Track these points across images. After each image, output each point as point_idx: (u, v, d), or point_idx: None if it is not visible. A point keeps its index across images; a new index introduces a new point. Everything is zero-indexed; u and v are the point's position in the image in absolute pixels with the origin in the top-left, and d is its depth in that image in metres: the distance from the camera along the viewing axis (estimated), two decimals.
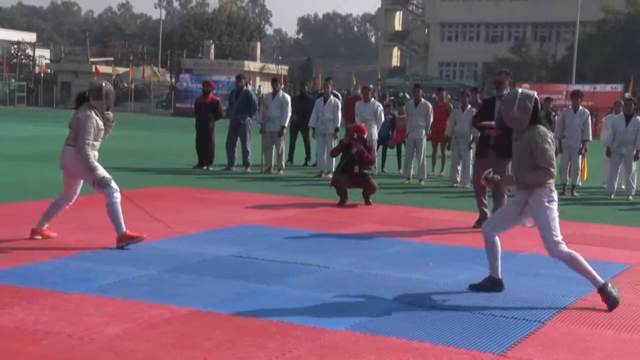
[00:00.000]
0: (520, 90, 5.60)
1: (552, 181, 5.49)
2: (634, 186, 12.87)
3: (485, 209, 8.90)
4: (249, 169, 14.41)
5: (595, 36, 51.44)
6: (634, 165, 12.86)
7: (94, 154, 6.89)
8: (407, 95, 34.38)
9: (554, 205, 5.46)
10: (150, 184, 11.77)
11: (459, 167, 13.47)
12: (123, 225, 6.81)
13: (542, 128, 5.48)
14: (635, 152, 12.66)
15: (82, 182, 7.09)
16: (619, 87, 39.62)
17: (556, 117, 14.30)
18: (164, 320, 4.71)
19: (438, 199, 11.59)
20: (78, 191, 7.11)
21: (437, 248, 7.52)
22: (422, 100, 13.98)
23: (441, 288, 5.83)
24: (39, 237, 6.97)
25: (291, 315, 4.89)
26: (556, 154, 13.41)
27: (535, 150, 5.39)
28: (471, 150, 13.49)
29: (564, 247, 5.42)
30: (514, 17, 63.14)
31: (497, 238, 5.72)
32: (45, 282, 5.50)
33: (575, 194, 12.83)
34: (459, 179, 13.42)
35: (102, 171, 6.80)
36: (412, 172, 13.70)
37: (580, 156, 13.08)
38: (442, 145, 15.22)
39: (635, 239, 8.53)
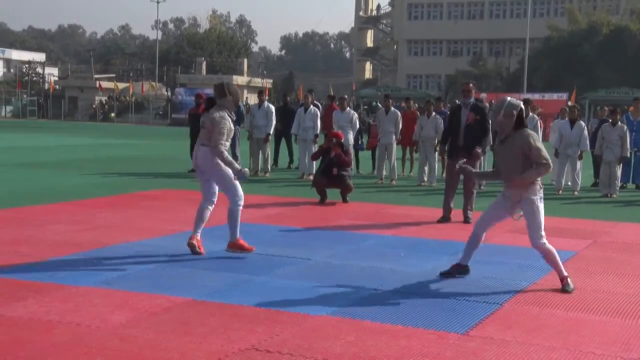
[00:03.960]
0: (508, 99, 5.58)
1: (540, 180, 5.52)
2: (579, 182, 12.99)
3: (451, 207, 8.91)
4: None
5: (543, 51, 51.88)
6: (579, 164, 12.98)
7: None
8: (379, 105, 34.40)
9: (542, 203, 5.51)
10: (151, 186, 11.69)
11: (426, 168, 13.51)
12: (238, 232, 6.31)
13: (529, 131, 5.51)
14: (579, 152, 12.80)
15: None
16: (564, 96, 39.92)
17: None
18: (163, 309, 4.67)
19: (407, 197, 11.61)
20: (217, 190, 6.42)
21: (407, 240, 7.52)
22: (392, 108, 14.01)
23: (411, 276, 5.83)
24: (194, 242, 6.29)
25: (277, 303, 4.87)
26: None
27: (530, 150, 5.38)
28: (436, 153, 13.55)
29: (546, 242, 5.48)
30: (472, 34, 63.54)
31: (483, 235, 5.76)
32: (55, 277, 5.44)
33: None
34: (425, 179, 13.45)
35: (238, 165, 6.34)
36: (384, 173, 13.72)
37: None
38: (411, 148, 15.24)
39: (580, 229, 8.60)
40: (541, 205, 5.49)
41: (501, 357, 3.94)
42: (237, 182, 6.31)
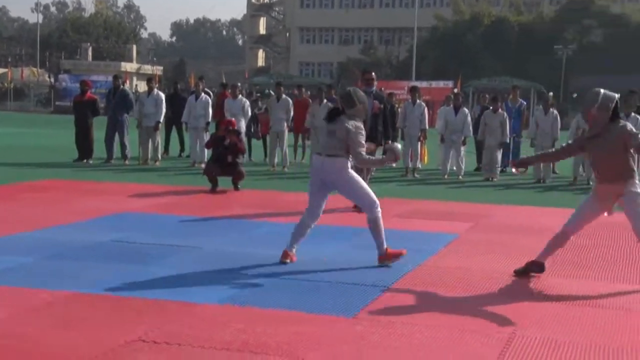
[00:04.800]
0: (602, 91, 5.23)
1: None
2: (463, 167, 13.56)
3: None
4: (126, 161, 13.98)
5: (430, 40, 53.54)
6: (462, 149, 13.55)
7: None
8: (271, 92, 34.37)
9: None
10: (31, 177, 11.15)
11: None
12: (384, 242, 5.81)
13: (623, 121, 5.29)
14: (463, 138, 13.36)
15: (327, 198, 6.00)
16: (450, 83, 41.43)
17: (399, 109, 14.80)
18: (45, 304, 4.50)
19: (299, 184, 11.69)
20: (323, 207, 5.99)
21: None
22: (284, 96, 14.05)
23: (303, 263, 5.88)
24: (288, 261, 5.84)
25: (167, 293, 4.80)
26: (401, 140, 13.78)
27: (632, 138, 5.13)
28: None
29: None
30: (363, 22, 64.58)
31: (572, 236, 5.53)
32: None
33: (416, 175, 13.35)
34: None
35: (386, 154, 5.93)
36: (276, 160, 13.76)
37: (420, 143, 13.61)
38: (303, 135, 15.38)
39: (463, 212, 8.99)
40: None
41: (387, 338, 4.08)
42: (368, 188, 5.85)
